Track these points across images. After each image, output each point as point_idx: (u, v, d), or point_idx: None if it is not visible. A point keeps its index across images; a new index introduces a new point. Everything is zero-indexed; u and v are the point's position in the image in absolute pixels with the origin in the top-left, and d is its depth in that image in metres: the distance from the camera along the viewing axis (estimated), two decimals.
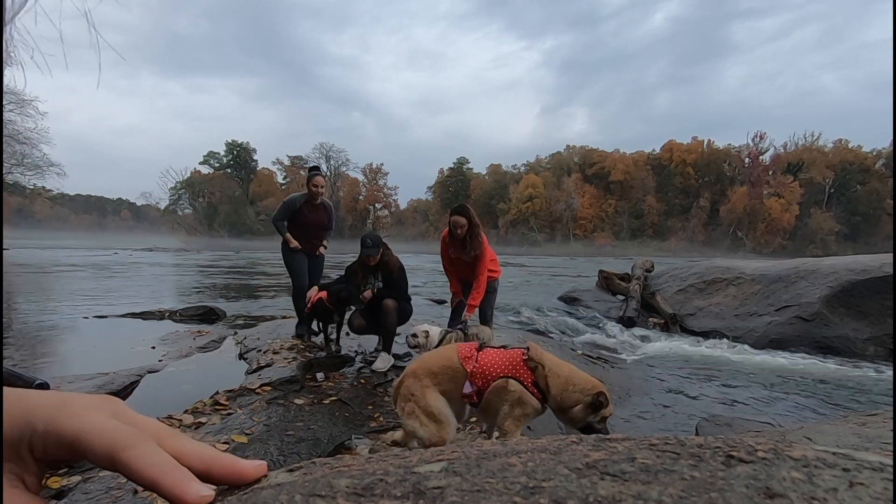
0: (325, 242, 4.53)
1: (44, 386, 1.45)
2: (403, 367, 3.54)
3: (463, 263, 3.58)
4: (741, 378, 4.78)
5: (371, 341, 4.16)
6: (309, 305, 4.07)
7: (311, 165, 4.78)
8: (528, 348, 1.92)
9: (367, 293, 3.76)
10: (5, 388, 0.28)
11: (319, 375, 3.38)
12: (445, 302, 7.81)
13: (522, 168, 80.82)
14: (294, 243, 4.33)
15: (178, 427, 2.35)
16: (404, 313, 3.79)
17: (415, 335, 3.35)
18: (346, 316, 4.05)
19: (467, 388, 1.88)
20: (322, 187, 4.34)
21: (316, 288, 4.11)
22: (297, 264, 4.41)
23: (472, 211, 3.46)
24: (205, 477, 0.29)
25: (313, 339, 4.36)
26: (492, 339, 3.30)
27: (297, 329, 4.49)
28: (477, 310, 3.64)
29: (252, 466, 0.32)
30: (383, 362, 3.57)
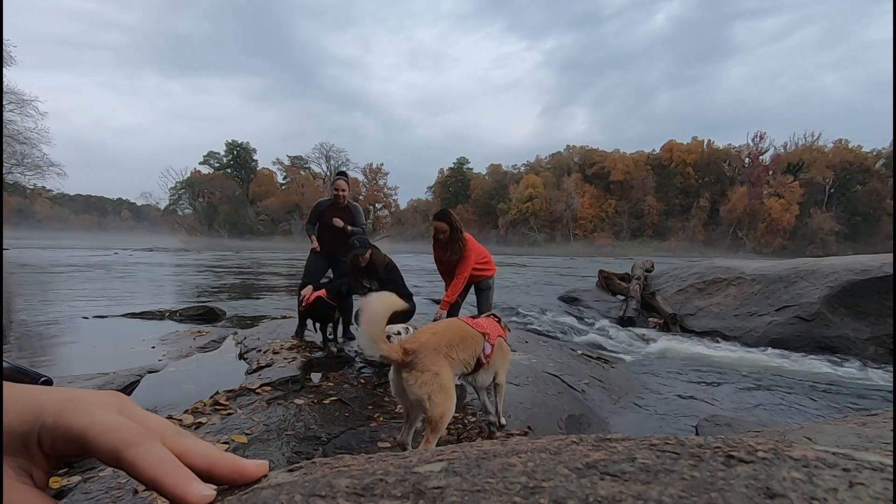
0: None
1: (48, 383, 1.44)
2: None
3: (451, 264, 3.65)
4: (741, 378, 4.78)
5: None
6: (304, 304, 4.04)
7: (339, 171, 4.94)
8: (494, 314, 2.49)
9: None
10: (14, 384, 0.28)
11: (319, 375, 3.38)
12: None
13: (522, 168, 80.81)
14: (315, 244, 4.49)
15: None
16: (405, 310, 3.79)
17: (398, 332, 3.38)
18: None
19: (488, 349, 2.24)
20: (343, 191, 4.48)
21: (311, 287, 4.10)
22: (310, 263, 4.58)
23: (453, 216, 3.56)
24: (207, 475, 0.29)
25: (308, 338, 4.36)
26: None
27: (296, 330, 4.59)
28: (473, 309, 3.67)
29: (254, 465, 0.32)
30: None
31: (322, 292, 3.92)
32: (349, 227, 4.39)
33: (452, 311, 3.83)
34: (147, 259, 22.30)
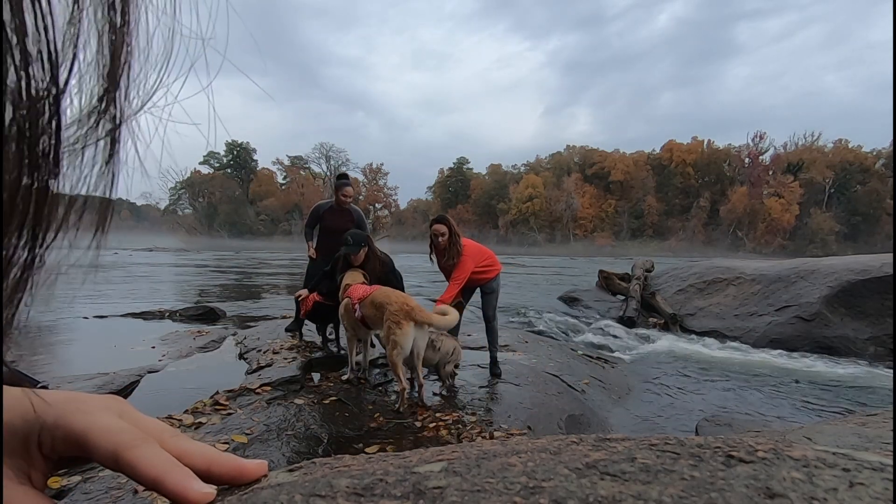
0: None
1: (45, 388, 1.45)
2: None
3: (451, 270, 3.63)
4: (741, 378, 4.78)
5: None
6: (303, 311, 3.95)
7: (340, 173, 4.77)
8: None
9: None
10: (15, 387, 0.28)
11: (319, 375, 3.38)
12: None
13: (522, 168, 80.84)
14: (311, 252, 4.42)
15: (178, 427, 2.35)
16: None
17: None
18: None
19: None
20: (350, 197, 4.41)
21: (306, 291, 4.00)
22: (312, 269, 4.51)
23: (451, 220, 3.55)
24: (206, 476, 0.29)
25: (308, 338, 4.35)
26: (452, 353, 3.24)
27: (288, 326, 4.64)
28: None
29: (253, 465, 0.32)
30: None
31: (316, 296, 3.79)
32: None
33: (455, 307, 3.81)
34: (147, 259, 22.30)
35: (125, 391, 3.04)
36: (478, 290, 3.78)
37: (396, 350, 2.72)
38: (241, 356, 4.05)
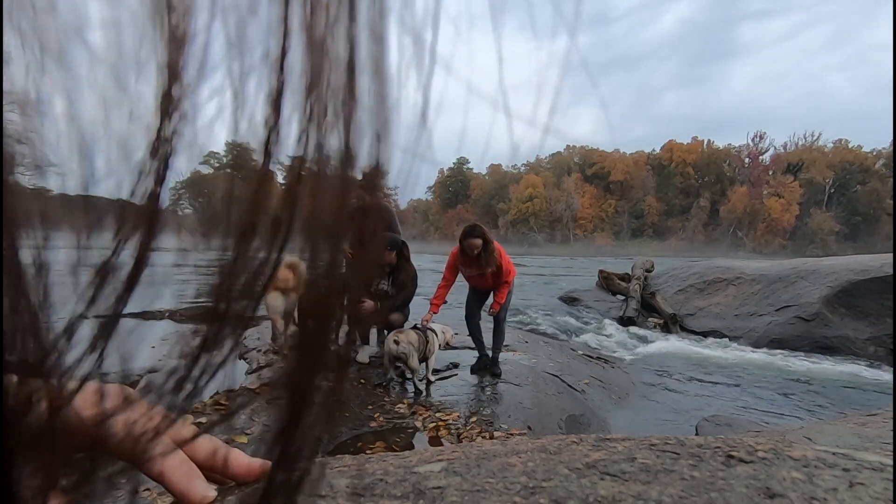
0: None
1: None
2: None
3: (479, 276, 3.61)
4: (741, 378, 4.78)
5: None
6: None
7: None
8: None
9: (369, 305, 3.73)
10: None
11: None
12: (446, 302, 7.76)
13: (522, 168, 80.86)
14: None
15: None
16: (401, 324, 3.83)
17: (434, 331, 3.46)
18: None
19: None
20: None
21: None
22: None
23: (485, 229, 3.48)
24: (211, 472, 0.29)
25: None
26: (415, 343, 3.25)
27: None
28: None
29: (258, 464, 0.32)
30: (363, 354, 3.69)
31: None
32: None
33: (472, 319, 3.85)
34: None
35: None
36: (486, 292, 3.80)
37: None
38: (241, 356, 4.05)
